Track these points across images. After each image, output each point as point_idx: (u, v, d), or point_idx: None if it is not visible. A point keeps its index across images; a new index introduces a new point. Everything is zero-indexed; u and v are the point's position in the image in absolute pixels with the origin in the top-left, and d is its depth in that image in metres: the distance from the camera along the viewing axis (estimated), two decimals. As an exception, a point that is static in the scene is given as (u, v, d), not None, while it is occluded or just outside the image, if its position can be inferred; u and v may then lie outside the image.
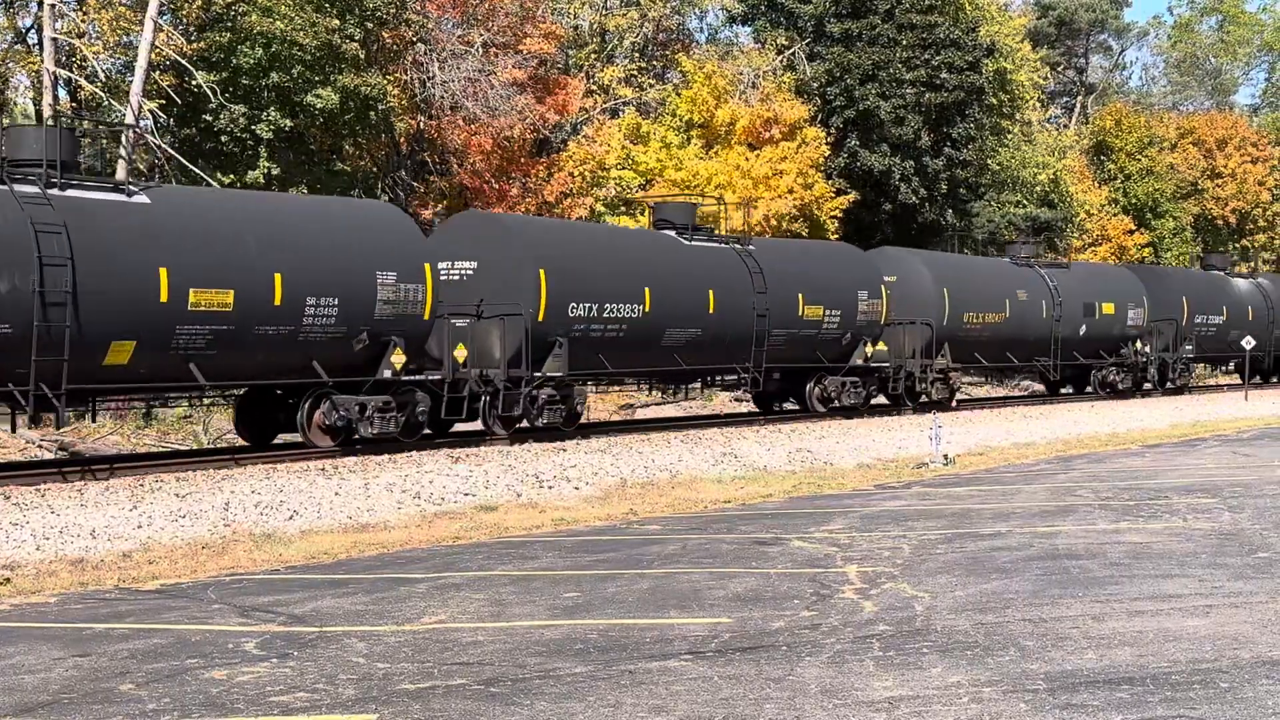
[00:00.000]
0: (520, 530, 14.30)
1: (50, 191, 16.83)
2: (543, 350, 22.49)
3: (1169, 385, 40.66)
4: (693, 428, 25.96)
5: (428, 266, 20.47)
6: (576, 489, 17.47)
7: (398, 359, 19.92)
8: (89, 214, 17.08)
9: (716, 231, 29.23)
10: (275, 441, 20.94)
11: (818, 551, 12.48)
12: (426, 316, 20.43)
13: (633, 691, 7.50)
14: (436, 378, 20.69)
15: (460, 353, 21.26)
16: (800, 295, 27.89)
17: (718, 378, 27.84)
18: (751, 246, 27.84)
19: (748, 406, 32.85)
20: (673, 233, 26.65)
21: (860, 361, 29.29)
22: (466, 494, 16.54)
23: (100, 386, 17.67)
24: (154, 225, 17.60)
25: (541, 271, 22.44)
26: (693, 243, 26.59)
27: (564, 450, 20.45)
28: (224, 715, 7.14)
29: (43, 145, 17.10)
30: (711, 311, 25.87)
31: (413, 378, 20.36)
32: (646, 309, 24.48)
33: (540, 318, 22.33)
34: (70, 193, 17.15)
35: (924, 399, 31.18)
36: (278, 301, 18.56)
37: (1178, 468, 20.49)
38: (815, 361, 28.65)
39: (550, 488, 17.39)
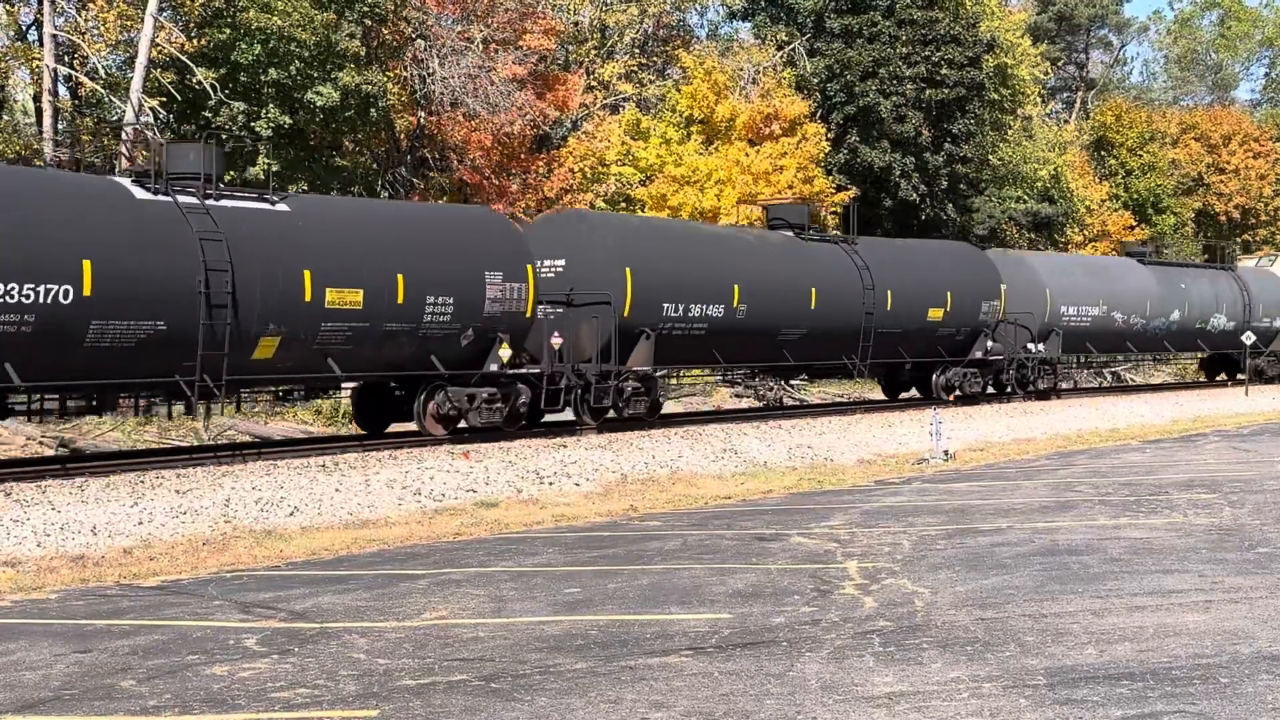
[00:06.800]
0: (521, 526, 14.31)
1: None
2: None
3: None
4: (693, 424, 25.96)
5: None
6: (577, 485, 17.48)
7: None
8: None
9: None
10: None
11: (818, 547, 12.48)
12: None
13: (633, 687, 7.51)
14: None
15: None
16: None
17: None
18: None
19: (748, 402, 32.97)
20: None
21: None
22: (467, 490, 16.54)
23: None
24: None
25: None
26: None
27: (565, 446, 20.46)
28: (225, 711, 7.15)
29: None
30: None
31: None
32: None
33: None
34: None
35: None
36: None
37: (1178, 463, 20.49)
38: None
39: (551, 484, 17.40)
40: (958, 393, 30.52)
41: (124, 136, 28.34)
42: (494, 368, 20.85)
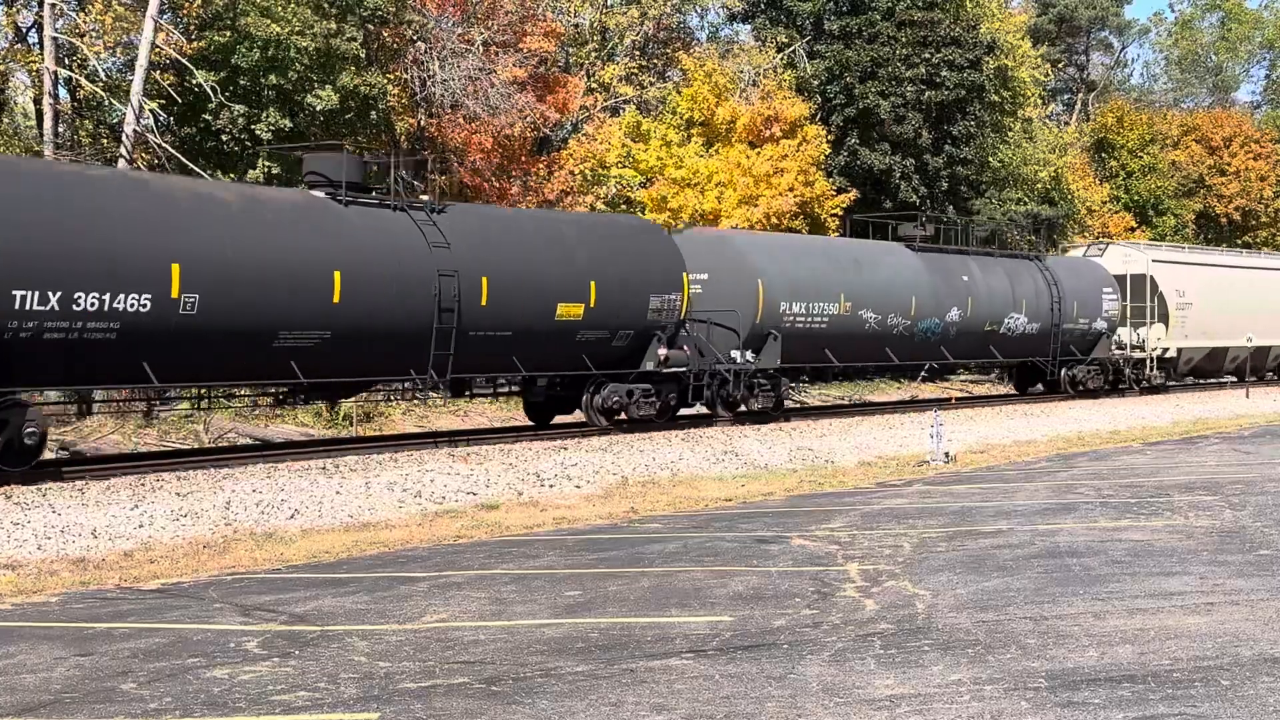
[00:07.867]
0: (521, 529, 14.31)
1: None
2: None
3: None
4: (693, 426, 25.95)
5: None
6: (578, 487, 17.48)
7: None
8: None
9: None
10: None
11: (819, 550, 12.48)
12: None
13: (634, 690, 7.50)
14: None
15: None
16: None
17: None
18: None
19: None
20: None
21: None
22: (468, 493, 16.54)
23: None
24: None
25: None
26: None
27: (565, 449, 20.45)
28: (226, 714, 7.14)
29: None
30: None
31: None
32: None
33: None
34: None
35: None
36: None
37: (1179, 465, 20.48)
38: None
39: (551, 486, 17.39)
40: (621, 417, 23.48)
41: (124, 139, 28.34)
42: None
